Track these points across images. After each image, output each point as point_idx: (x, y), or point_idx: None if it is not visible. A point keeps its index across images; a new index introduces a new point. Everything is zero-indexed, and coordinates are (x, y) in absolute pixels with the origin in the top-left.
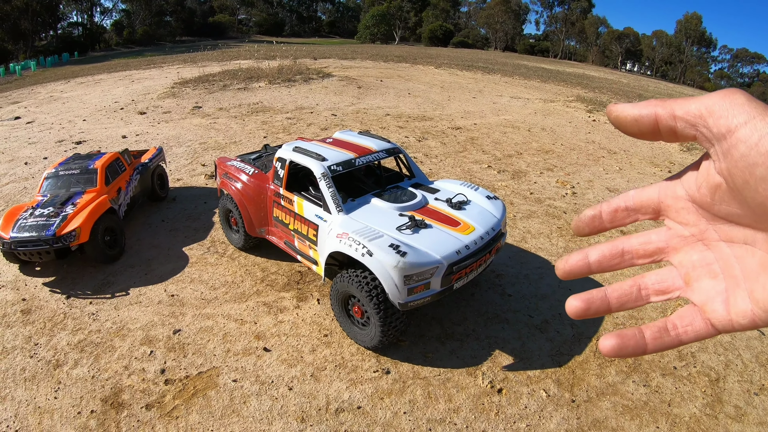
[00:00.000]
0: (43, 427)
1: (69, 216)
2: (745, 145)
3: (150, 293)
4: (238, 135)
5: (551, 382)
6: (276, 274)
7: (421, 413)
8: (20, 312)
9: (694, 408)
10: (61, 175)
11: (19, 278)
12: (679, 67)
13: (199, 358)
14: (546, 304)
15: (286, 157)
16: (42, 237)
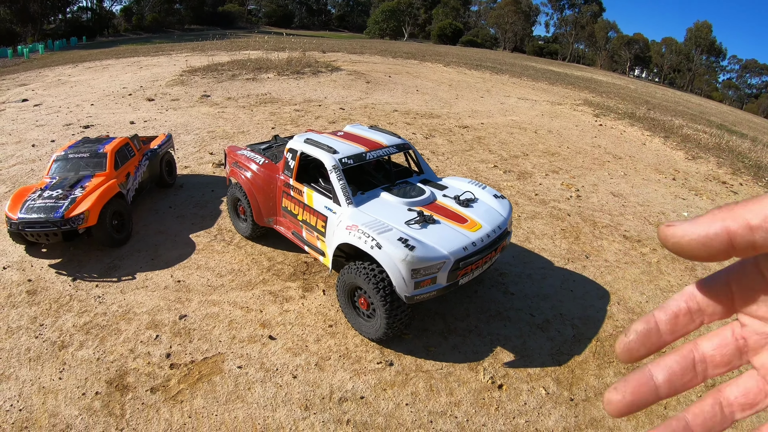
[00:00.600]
0: (47, 407)
1: (78, 199)
2: None
3: (156, 278)
4: (246, 125)
5: (551, 380)
6: (282, 263)
7: (423, 405)
8: (26, 292)
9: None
10: (70, 158)
11: (25, 259)
12: (687, 75)
13: (204, 343)
14: (548, 303)
15: (297, 148)
16: (50, 219)
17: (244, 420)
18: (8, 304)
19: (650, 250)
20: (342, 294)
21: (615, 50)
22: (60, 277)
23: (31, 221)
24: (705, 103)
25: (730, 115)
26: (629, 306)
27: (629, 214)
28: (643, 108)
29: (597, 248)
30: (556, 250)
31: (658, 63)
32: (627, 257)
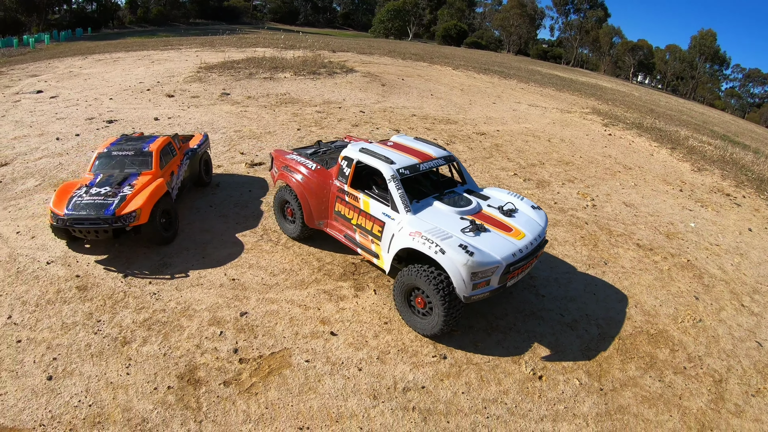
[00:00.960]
0: (118, 402)
1: (128, 197)
2: None
3: (210, 276)
4: (271, 125)
5: (582, 372)
6: (331, 264)
7: (477, 393)
8: (76, 288)
9: (701, 402)
10: (114, 155)
11: (69, 254)
12: (690, 83)
13: (269, 339)
14: (574, 305)
15: (353, 156)
16: (101, 216)
17: (319, 409)
18: (59, 299)
19: (662, 259)
20: (399, 294)
21: (619, 56)
22: (110, 274)
23: (80, 218)
24: (708, 111)
25: (732, 125)
26: (645, 309)
27: (641, 224)
28: (649, 117)
29: (614, 255)
30: (577, 256)
31: (661, 70)
32: (641, 264)
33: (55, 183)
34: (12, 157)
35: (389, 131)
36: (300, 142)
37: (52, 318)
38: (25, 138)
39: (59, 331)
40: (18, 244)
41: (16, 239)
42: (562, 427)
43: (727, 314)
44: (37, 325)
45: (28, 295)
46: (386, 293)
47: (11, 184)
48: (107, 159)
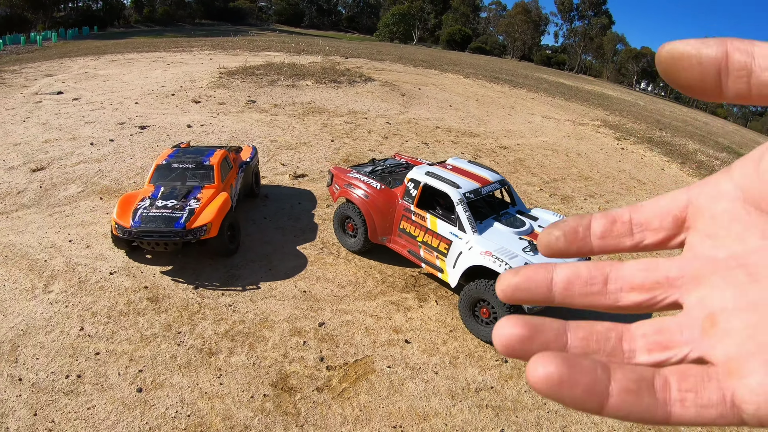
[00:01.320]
0: (217, 411)
1: (197, 210)
2: None
3: (281, 288)
4: (305, 136)
5: None
6: (392, 276)
7: (535, 392)
8: (147, 300)
9: None
10: (174, 167)
11: (131, 265)
12: None
13: (350, 347)
14: (609, 316)
15: (420, 180)
16: (173, 229)
17: (408, 409)
18: (131, 311)
19: None
20: (465, 305)
21: (622, 63)
22: (179, 285)
23: (149, 230)
24: (711, 121)
25: (735, 135)
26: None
27: None
28: (658, 130)
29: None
30: None
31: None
32: None
33: (99, 190)
34: (47, 161)
35: (418, 144)
36: (337, 154)
37: (129, 330)
38: (56, 141)
39: (139, 343)
40: (73, 253)
41: (70, 248)
42: (610, 421)
43: None
44: (114, 336)
45: (97, 306)
46: (447, 303)
47: (52, 190)
48: (167, 171)
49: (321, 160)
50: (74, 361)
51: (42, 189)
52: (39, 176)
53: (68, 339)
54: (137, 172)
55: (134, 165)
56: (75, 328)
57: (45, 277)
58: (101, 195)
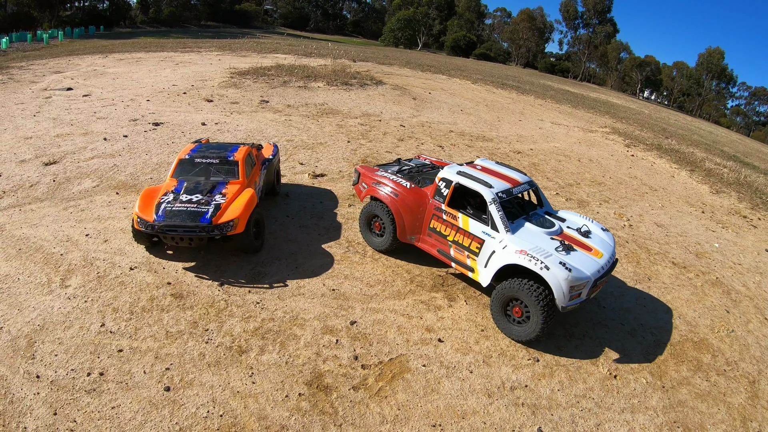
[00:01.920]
0: (251, 410)
1: (222, 206)
2: None
3: (309, 286)
4: (320, 136)
5: (647, 372)
6: (420, 276)
7: (569, 390)
8: (171, 296)
9: (741, 399)
10: (197, 162)
11: (152, 260)
12: (696, 100)
13: (384, 346)
14: (630, 315)
15: (452, 179)
16: (198, 224)
17: (446, 408)
18: (155, 307)
19: (695, 276)
20: (497, 304)
21: (626, 71)
22: (204, 282)
23: (173, 225)
24: (715, 130)
25: (740, 145)
26: (687, 320)
27: (673, 243)
28: (665, 138)
29: (655, 272)
30: (625, 272)
31: (668, 86)
32: (678, 281)
33: (114, 185)
34: (60, 155)
35: (434, 147)
36: (354, 155)
37: (153, 326)
38: (69, 136)
39: (165, 340)
40: (90, 247)
41: (87, 242)
42: (639, 417)
43: (754, 326)
44: (137, 333)
45: (118, 302)
46: (476, 303)
47: (66, 184)
48: (190, 165)
49: (339, 160)
50: (96, 358)
51: (55, 183)
52: (52, 170)
53: (89, 335)
54: (153, 167)
55: (150, 161)
56: (95, 324)
57: (62, 271)
58: (117, 190)
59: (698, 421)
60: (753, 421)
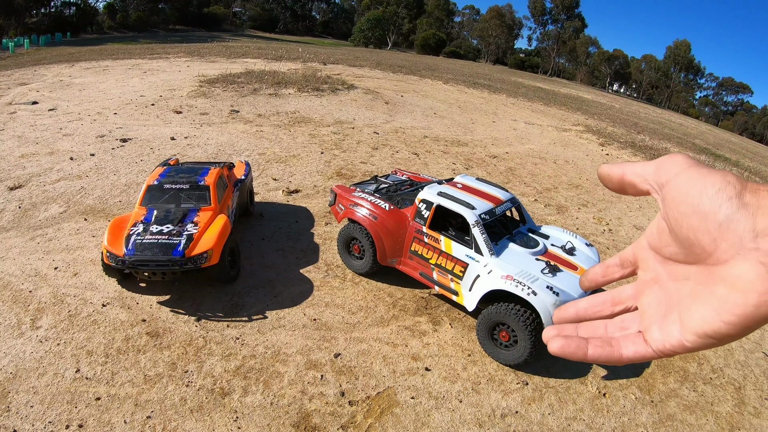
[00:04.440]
0: None
1: (195, 236)
2: (676, 189)
3: (290, 317)
4: (293, 148)
5: (635, 388)
6: (403, 299)
7: (560, 413)
8: (146, 335)
9: (728, 407)
10: (166, 188)
11: (124, 295)
12: (665, 92)
13: (371, 379)
14: None
15: (432, 200)
16: (171, 258)
17: None
18: (131, 348)
19: None
20: (483, 329)
21: (595, 65)
22: (180, 317)
23: (145, 260)
24: (685, 122)
25: (710, 136)
26: None
27: None
28: (636, 133)
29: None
30: None
31: (637, 79)
32: None
33: (82, 210)
34: (25, 178)
35: (409, 155)
36: (328, 167)
37: (130, 370)
38: (33, 156)
39: (143, 385)
40: (60, 282)
41: (56, 276)
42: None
43: None
44: (114, 379)
45: (92, 344)
46: (461, 326)
47: (32, 210)
48: (159, 192)
49: (313, 173)
50: (73, 408)
51: (21, 209)
52: (17, 195)
53: (64, 382)
54: (122, 189)
55: (118, 182)
56: (70, 369)
57: (31, 310)
58: (85, 216)
59: None
60: (741, 429)
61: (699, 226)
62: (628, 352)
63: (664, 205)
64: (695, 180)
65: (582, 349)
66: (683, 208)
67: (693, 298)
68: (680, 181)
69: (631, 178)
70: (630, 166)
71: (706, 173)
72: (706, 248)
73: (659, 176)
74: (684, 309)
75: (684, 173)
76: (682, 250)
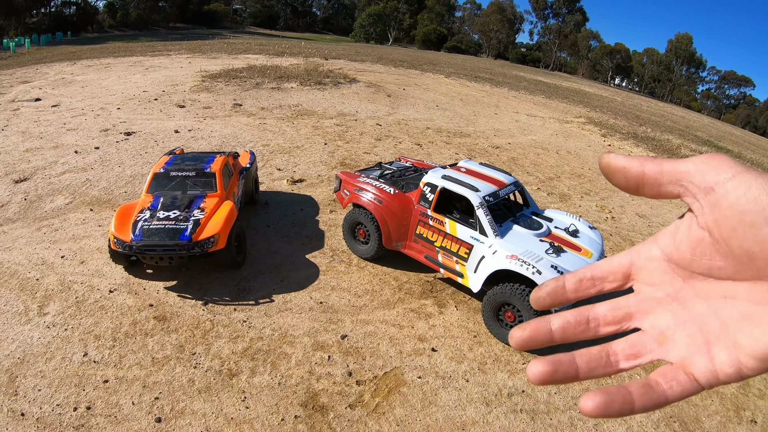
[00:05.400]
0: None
1: (202, 221)
2: (735, 195)
3: (296, 300)
4: (297, 139)
5: (640, 368)
6: (408, 283)
7: (566, 393)
8: (154, 319)
9: (733, 388)
10: (173, 175)
11: (131, 281)
12: (667, 86)
13: (377, 360)
14: None
15: (437, 183)
16: (178, 243)
17: (445, 420)
18: (138, 332)
19: None
20: (489, 309)
21: (597, 59)
22: (187, 302)
23: (152, 245)
24: (687, 115)
25: (712, 129)
26: None
27: (656, 233)
28: (638, 125)
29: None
30: None
31: (639, 73)
32: None
33: (88, 201)
34: (30, 171)
35: (412, 146)
36: (332, 157)
37: (138, 353)
38: (38, 150)
39: (151, 367)
40: (67, 270)
41: (63, 264)
42: (636, 415)
43: None
44: (122, 361)
45: (99, 329)
46: (466, 308)
47: (38, 202)
48: (165, 179)
49: (317, 164)
50: (81, 390)
51: (27, 201)
52: (23, 187)
53: (72, 366)
54: (127, 180)
55: (123, 173)
56: (78, 353)
57: (39, 297)
58: (91, 206)
59: (693, 414)
60: (746, 410)
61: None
62: (674, 393)
63: (712, 212)
64: (760, 185)
65: (629, 403)
66: (750, 217)
67: (750, 319)
68: (740, 186)
69: (656, 176)
70: (653, 162)
71: (767, 178)
72: None
73: (704, 178)
74: (739, 332)
75: (742, 176)
76: (732, 265)
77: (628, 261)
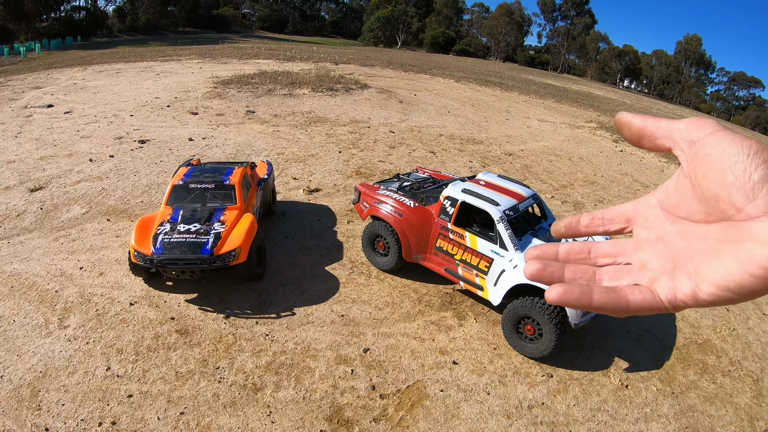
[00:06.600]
0: None
1: (223, 235)
2: (710, 146)
3: (318, 313)
4: (311, 147)
5: (656, 379)
6: (428, 295)
7: (584, 404)
8: (176, 332)
9: (747, 398)
10: (192, 188)
11: (152, 294)
12: (676, 87)
13: (400, 373)
14: (635, 321)
15: (457, 197)
16: (200, 256)
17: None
18: (161, 346)
19: None
20: (508, 322)
21: (605, 61)
22: (208, 315)
23: (173, 258)
24: (695, 115)
25: None
26: (690, 321)
27: None
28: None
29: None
30: None
31: (648, 75)
32: None
33: (104, 211)
34: (45, 180)
35: (426, 153)
36: (347, 166)
37: (161, 367)
38: (53, 158)
39: (175, 381)
40: (86, 281)
41: (82, 276)
42: (653, 426)
43: (753, 323)
44: (146, 376)
45: (122, 342)
46: (486, 320)
47: (54, 212)
48: (185, 192)
49: (332, 172)
50: (105, 405)
51: (43, 211)
52: (38, 196)
53: (95, 380)
54: (143, 190)
55: (139, 182)
56: (101, 367)
57: (58, 310)
58: (108, 216)
59: (708, 424)
60: (760, 420)
61: (733, 182)
62: (635, 300)
63: (692, 161)
64: (731, 140)
65: (587, 295)
66: (718, 164)
67: (712, 253)
68: (715, 140)
69: (653, 131)
70: (653, 119)
71: (740, 136)
72: (737, 204)
73: (690, 134)
74: (701, 263)
75: (718, 133)
76: (704, 208)
77: (632, 208)
